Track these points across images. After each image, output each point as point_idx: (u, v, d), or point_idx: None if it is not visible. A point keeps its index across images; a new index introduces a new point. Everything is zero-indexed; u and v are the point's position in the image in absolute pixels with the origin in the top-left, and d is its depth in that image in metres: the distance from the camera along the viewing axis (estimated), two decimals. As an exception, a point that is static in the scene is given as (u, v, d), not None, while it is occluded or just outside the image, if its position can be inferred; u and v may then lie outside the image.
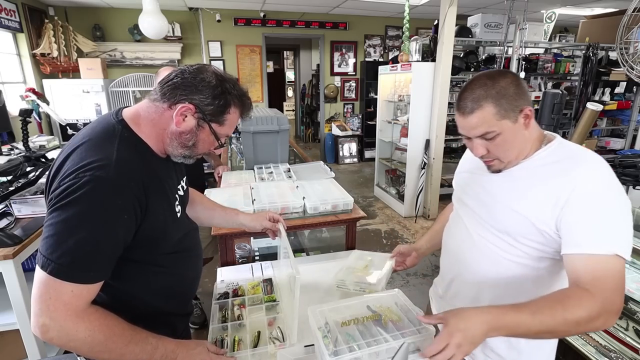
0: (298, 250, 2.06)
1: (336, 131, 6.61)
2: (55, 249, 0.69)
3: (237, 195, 1.72)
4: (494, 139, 0.87)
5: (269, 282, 1.25)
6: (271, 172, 2.14)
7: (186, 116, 0.83)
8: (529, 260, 0.89)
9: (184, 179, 1.04)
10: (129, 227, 0.77)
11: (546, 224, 0.83)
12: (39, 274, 0.70)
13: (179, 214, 0.94)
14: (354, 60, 6.74)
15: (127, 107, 0.89)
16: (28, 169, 1.72)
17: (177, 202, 0.94)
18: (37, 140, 2.85)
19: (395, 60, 4.24)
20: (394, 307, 0.97)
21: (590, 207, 0.77)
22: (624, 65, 2.79)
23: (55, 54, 4.69)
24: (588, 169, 0.81)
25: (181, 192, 0.99)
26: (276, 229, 1.19)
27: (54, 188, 0.75)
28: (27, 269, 1.87)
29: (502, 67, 3.83)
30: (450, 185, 1.16)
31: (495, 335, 0.73)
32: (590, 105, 2.14)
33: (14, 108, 3.74)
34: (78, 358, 0.89)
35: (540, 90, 4.62)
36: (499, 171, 0.94)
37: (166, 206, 0.89)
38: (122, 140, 0.80)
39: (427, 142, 3.91)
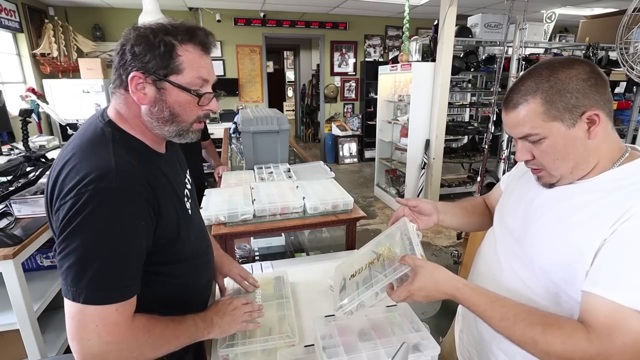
0: (298, 250, 2.06)
1: (336, 131, 6.61)
2: (82, 276, 0.64)
3: (237, 195, 1.72)
4: (539, 143, 0.70)
5: (280, 279, 1.23)
6: (271, 172, 2.14)
7: (143, 87, 0.72)
8: (567, 305, 0.72)
9: (188, 172, 0.98)
10: (148, 233, 0.73)
11: (586, 261, 0.66)
12: (73, 307, 0.65)
13: (190, 211, 0.88)
14: (354, 60, 6.74)
15: (107, 107, 0.81)
16: (28, 169, 1.72)
17: (186, 199, 0.88)
18: (37, 140, 2.85)
19: (395, 60, 4.24)
20: (394, 241, 0.87)
21: (630, 244, 0.61)
22: (624, 65, 2.79)
23: (55, 54, 4.69)
24: None
25: (188, 186, 0.94)
26: (245, 284, 1.11)
27: (56, 209, 0.68)
28: (27, 269, 1.87)
29: (502, 67, 3.82)
30: (450, 185, 1.12)
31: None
32: (590, 105, 2.14)
33: (14, 108, 3.74)
34: None
35: (540, 90, 4.61)
36: (551, 185, 0.76)
37: (177, 204, 0.83)
38: (116, 143, 0.73)
39: (427, 142, 3.91)
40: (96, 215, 0.65)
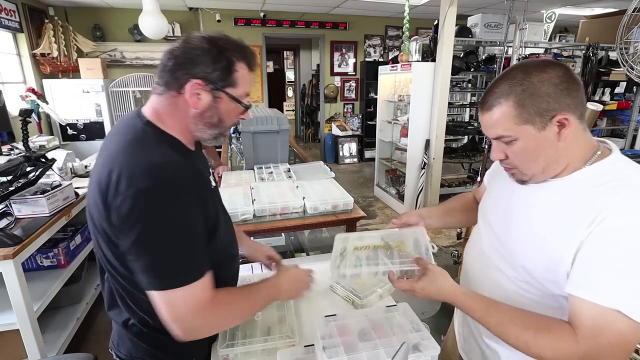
0: (298, 250, 2.06)
1: (336, 131, 6.61)
2: (164, 264, 0.70)
3: (237, 195, 1.72)
4: (511, 144, 0.73)
5: None
6: (271, 172, 2.14)
7: (199, 93, 0.77)
8: (550, 300, 0.75)
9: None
10: (202, 219, 0.78)
11: (567, 263, 0.68)
12: (163, 295, 0.71)
13: (222, 204, 0.95)
14: (354, 60, 6.74)
15: (141, 107, 0.85)
16: (28, 169, 1.72)
17: (216, 195, 0.93)
18: (37, 140, 2.85)
19: (395, 60, 4.24)
20: (407, 241, 0.97)
21: (608, 246, 0.63)
22: (624, 65, 2.79)
23: (55, 54, 4.69)
24: (629, 196, 0.64)
25: (213, 183, 0.97)
26: (274, 262, 1.18)
27: (117, 205, 0.69)
28: (27, 269, 1.87)
29: (502, 67, 3.82)
30: (450, 185, 1.14)
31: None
32: (590, 105, 2.14)
33: (14, 108, 3.74)
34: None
35: (540, 90, 4.61)
36: (523, 182, 0.79)
37: (214, 197, 0.88)
38: (159, 141, 0.78)
39: (427, 142, 3.91)
40: (161, 209, 0.69)
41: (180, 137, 0.83)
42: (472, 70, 4.35)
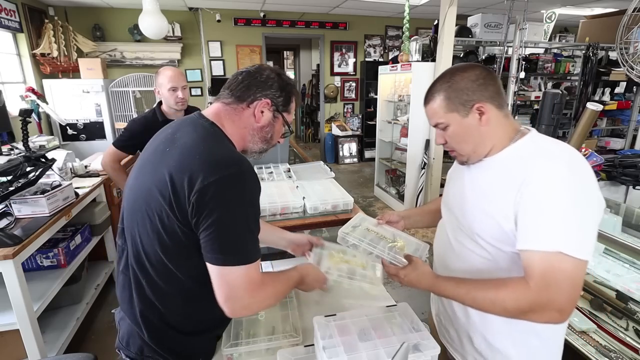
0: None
1: (336, 131, 6.61)
2: (233, 242, 0.77)
3: (237, 195, 1.72)
4: (445, 130, 0.90)
5: None
6: (271, 172, 2.14)
7: (263, 111, 0.92)
8: (506, 263, 0.87)
9: None
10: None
11: (510, 221, 0.81)
12: (229, 272, 0.77)
13: None
14: (354, 60, 6.74)
15: (201, 110, 0.98)
16: (28, 169, 1.72)
17: None
18: (37, 140, 2.85)
19: (395, 60, 4.24)
20: (409, 244, 1.12)
21: (537, 200, 0.76)
22: (624, 65, 2.79)
23: (55, 54, 4.68)
24: (547, 162, 0.79)
25: None
26: (321, 243, 1.26)
27: (195, 190, 0.75)
28: (27, 269, 1.87)
29: (502, 67, 3.82)
30: None
31: (435, 293, 0.95)
32: (590, 105, 2.14)
33: (14, 108, 3.74)
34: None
35: (540, 90, 4.62)
36: (463, 163, 0.96)
37: None
38: (227, 140, 0.89)
39: (427, 142, 3.91)
40: (241, 192, 0.78)
41: (235, 143, 0.93)
42: (472, 70, 4.34)
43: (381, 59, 6.70)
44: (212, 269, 0.78)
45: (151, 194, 0.80)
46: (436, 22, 3.73)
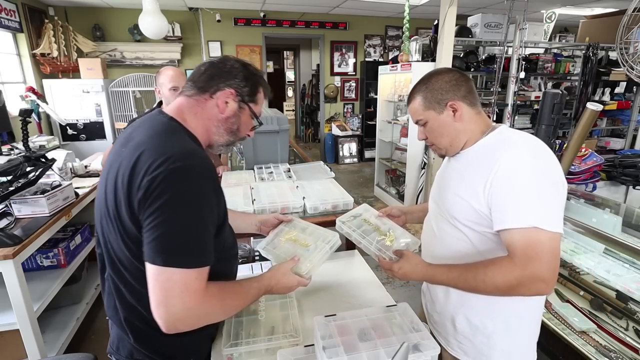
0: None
1: (336, 131, 6.61)
2: (173, 242, 0.72)
3: (237, 196, 1.72)
4: (425, 126, 1.02)
5: None
6: (271, 172, 2.14)
7: (228, 102, 0.88)
8: (480, 244, 0.96)
9: None
10: (219, 210, 0.83)
11: (481, 204, 0.91)
12: (161, 273, 0.71)
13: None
14: (354, 60, 6.74)
15: (161, 107, 0.95)
16: (28, 169, 1.72)
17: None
18: (37, 140, 2.85)
19: (395, 60, 4.24)
20: (398, 241, 1.13)
21: (508, 185, 0.85)
22: (624, 65, 2.79)
23: (55, 54, 4.68)
24: (512, 151, 0.88)
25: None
26: (288, 219, 1.25)
27: (140, 185, 0.73)
28: (27, 269, 1.87)
29: (502, 67, 3.82)
30: None
31: (430, 282, 1.02)
32: (590, 105, 2.14)
33: (14, 108, 3.74)
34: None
35: (540, 90, 4.62)
36: (443, 156, 1.08)
37: (223, 195, 0.90)
38: (184, 134, 0.85)
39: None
40: (186, 189, 0.74)
41: (199, 137, 0.90)
42: (472, 70, 4.35)
43: (381, 59, 6.70)
44: (148, 268, 0.73)
45: (110, 197, 0.79)
46: (436, 22, 3.73)
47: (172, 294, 0.71)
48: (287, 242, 1.16)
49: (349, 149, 6.73)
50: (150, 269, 0.72)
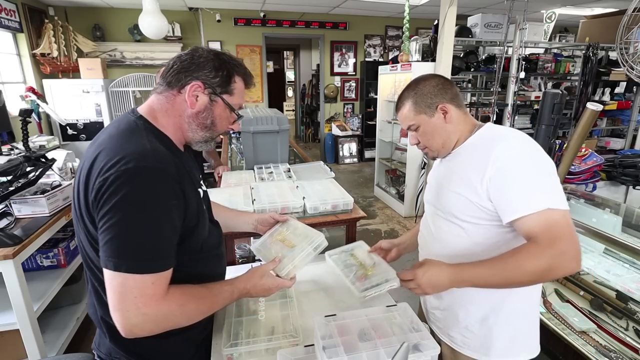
0: (298, 250, 2.06)
1: (336, 131, 6.61)
2: (124, 246, 0.70)
3: (237, 196, 1.72)
4: (417, 130, 1.05)
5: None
6: (271, 172, 2.14)
7: (197, 95, 0.84)
8: (479, 237, 0.97)
9: (201, 176, 1.03)
10: (180, 212, 0.79)
11: (481, 198, 0.93)
12: (115, 278, 0.70)
13: (203, 207, 0.94)
14: (354, 60, 6.74)
15: (137, 107, 0.90)
16: (28, 169, 1.72)
17: (201, 197, 0.94)
18: (37, 140, 2.84)
19: (395, 60, 4.24)
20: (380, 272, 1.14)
21: (508, 175, 0.88)
22: (624, 65, 2.79)
23: (55, 54, 4.68)
24: (503, 143, 0.93)
25: (204, 188, 1.00)
26: (284, 219, 1.23)
27: (94, 186, 0.72)
28: (27, 269, 1.87)
29: (502, 67, 3.82)
30: None
31: (460, 287, 0.92)
32: (590, 105, 2.14)
33: (14, 108, 3.74)
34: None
35: (540, 90, 4.62)
36: (434, 158, 1.12)
37: (196, 196, 0.88)
38: (149, 133, 0.82)
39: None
40: (136, 191, 0.71)
41: (171, 136, 0.87)
42: (472, 70, 4.35)
43: (381, 59, 6.70)
44: (105, 272, 0.71)
45: (75, 197, 0.79)
46: (436, 22, 3.73)
47: (126, 298, 0.70)
48: (276, 242, 1.15)
49: (349, 149, 6.73)
50: (105, 273, 0.71)
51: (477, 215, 0.96)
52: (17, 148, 2.53)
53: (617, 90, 4.80)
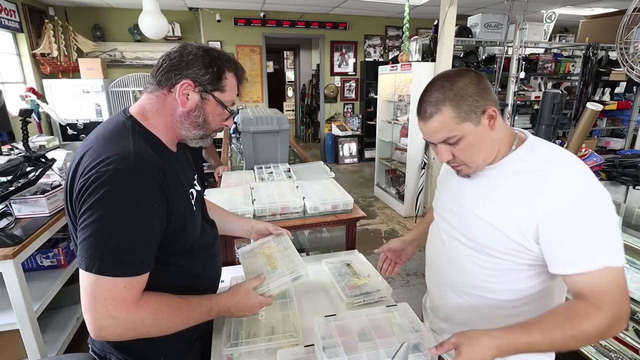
0: (298, 250, 2.06)
1: (336, 131, 6.61)
2: (97, 247, 0.70)
3: (237, 195, 1.72)
4: (457, 143, 0.82)
5: None
6: (271, 172, 2.13)
7: (188, 94, 0.83)
8: (504, 274, 0.86)
9: (196, 176, 1.02)
10: (161, 217, 0.78)
11: (523, 237, 0.79)
12: (87, 278, 0.70)
13: (194, 208, 0.93)
14: (354, 60, 6.74)
15: (129, 106, 0.89)
16: (28, 169, 1.72)
17: (192, 198, 0.93)
18: (37, 140, 2.84)
19: (395, 60, 4.24)
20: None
21: (568, 221, 0.74)
22: (624, 65, 2.79)
23: (55, 54, 4.68)
24: (560, 174, 0.78)
25: (198, 188, 0.99)
26: (278, 232, 1.21)
27: (76, 185, 0.73)
28: (27, 269, 1.87)
29: (502, 67, 3.82)
30: None
31: (505, 356, 0.72)
32: (590, 105, 2.14)
33: (14, 108, 3.74)
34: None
35: (540, 90, 4.62)
36: (468, 175, 0.90)
37: (185, 198, 0.88)
38: (136, 134, 0.81)
39: (427, 142, 3.90)
40: (114, 193, 0.70)
41: (162, 136, 0.86)
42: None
43: (381, 59, 6.70)
44: (79, 271, 0.72)
45: (66, 198, 0.80)
46: (436, 22, 3.73)
47: (96, 299, 0.70)
48: (262, 255, 1.13)
49: (349, 149, 6.73)
50: (80, 272, 0.71)
51: (514, 254, 0.82)
52: (17, 148, 2.52)
53: (617, 90, 4.80)
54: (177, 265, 0.87)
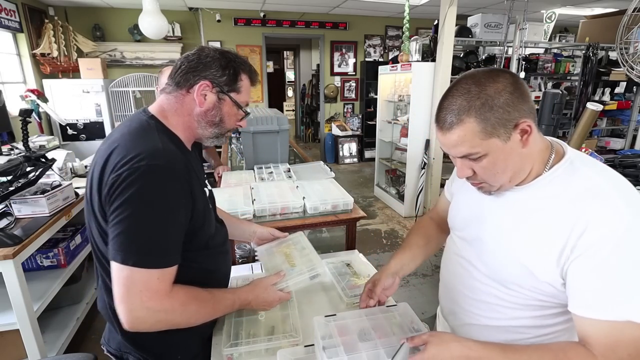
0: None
1: (336, 131, 6.61)
2: (133, 241, 0.72)
3: (237, 196, 1.72)
4: (479, 160, 0.70)
5: None
6: (271, 172, 2.14)
7: (206, 94, 0.86)
8: (529, 310, 0.78)
9: (205, 175, 1.06)
10: (187, 211, 0.81)
11: (550, 275, 0.69)
12: (121, 270, 0.72)
13: (210, 205, 0.97)
14: (354, 60, 6.74)
15: (148, 106, 0.92)
16: (28, 169, 1.72)
17: (207, 196, 0.97)
18: (37, 140, 2.85)
19: (395, 60, 4.24)
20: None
21: (602, 261, 0.63)
22: (624, 65, 2.79)
23: (55, 54, 4.68)
24: (604, 212, 0.64)
25: (209, 187, 1.02)
26: (283, 235, 1.27)
27: (108, 182, 0.75)
28: (27, 269, 1.87)
29: (501, 67, 3.82)
30: None
31: None
32: (590, 105, 2.14)
33: (14, 108, 3.74)
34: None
35: (540, 90, 4.62)
36: (490, 193, 0.78)
37: (202, 195, 0.91)
38: (160, 132, 0.84)
39: (427, 142, 3.91)
40: (147, 188, 0.73)
41: (180, 135, 0.89)
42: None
43: (381, 59, 6.70)
44: (111, 265, 0.74)
45: (89, 193, 0.82)
46: (436, 22, 3.73)
47: (131, 291, 0.72)
48: (280, 254, 1.19)
49: (349, 149, 6.73)
50: (113, 266, 0.73)
51: (536, 291, 0.74)
52: (17, 148, 2.53)
53: (617, 90, 4.80)
54: (195, 261, 0.89)
